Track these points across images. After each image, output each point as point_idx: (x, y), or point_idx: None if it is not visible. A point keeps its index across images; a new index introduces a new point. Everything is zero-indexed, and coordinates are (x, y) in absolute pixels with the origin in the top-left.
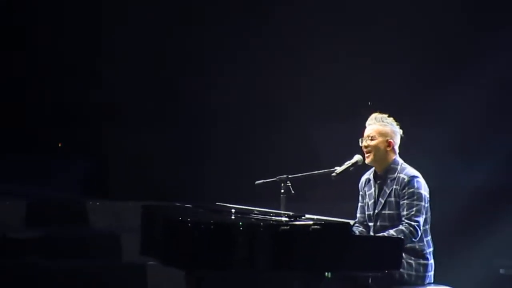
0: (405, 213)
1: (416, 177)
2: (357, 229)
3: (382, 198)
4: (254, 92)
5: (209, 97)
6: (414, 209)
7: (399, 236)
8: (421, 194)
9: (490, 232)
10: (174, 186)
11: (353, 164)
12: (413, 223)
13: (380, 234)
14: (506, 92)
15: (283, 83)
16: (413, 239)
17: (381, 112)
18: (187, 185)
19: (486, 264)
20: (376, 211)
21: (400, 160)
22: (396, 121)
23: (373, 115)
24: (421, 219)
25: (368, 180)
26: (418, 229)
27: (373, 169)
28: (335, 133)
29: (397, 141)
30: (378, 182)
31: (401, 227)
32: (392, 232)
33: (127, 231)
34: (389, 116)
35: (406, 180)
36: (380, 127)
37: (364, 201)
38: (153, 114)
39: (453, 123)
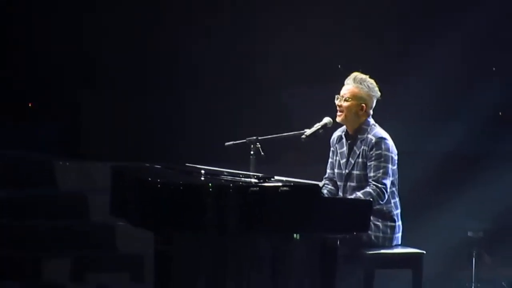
0: (372, 174)
1: (384, 138)
2: (326, 188)
3: (352, 159)
4: (226, 55)
5: (181, 61)
6: (381, 171)
7: (367, 198)
8: (388, 156)
9: (459, 196)
10: (144, 147)
11: (322, 126)
12: (380, 185)
13: (342, 197)
14: (477, 59)
15: (255, 47)
16: (380, 201)
17: (363, 72)
18: (157, 146)
19: (454, 227)
20: (347, 170)
21: (372, 121)
22: (377, 83)
23: (354, 74)
24: (388, 181)
25: (340, 138)
26: (385, 191)
27: (345, 126)
28: (306, 96)
29: (371, 105)
30: (349, 141)
31: (368, 189)
32: (359, 194)
33: (96, 192)
34: (370, 78)
35: (374, 141)
36: (356, 89)
37: (335, 158)
38: (124, 77)
39: (425, 87)
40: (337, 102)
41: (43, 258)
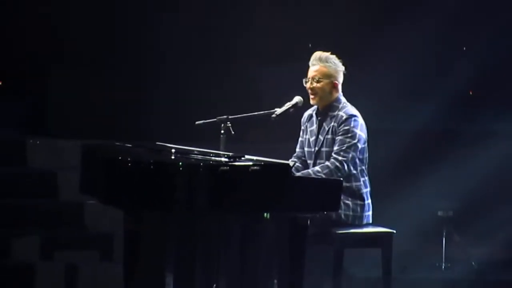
0: (335, 148)
1: (354, 116)
2: (295, 165)
3: (322, 136)
4: (196, 33)
5: (151, 38)
6: (345, 145)
7: (324, 172)
8: (355, 133)
9: (429, 175)
10: (114, 126)
11: (293, 106)
12: (340, 158)
13: (305, 172)
14: (451, 33)
15: (226, 25)
16: (339, 175)
17: (324, 50)
18: (127, 124)
19: (424, 206)
20: (317, 148)
21: (343, 99)
22: (338, 58)
23: (317, 55)
24: (350, 156)
25: (311, 116)
26: (345, 164)
27: (316, 106)
28: (277, 75)
29: (340, 80)
30: (319, 119)
31: (327, 163)
32: (317, 168)
33: (66, 170)
34: (332, 54)
35: (344, 118)
36: (324, 68)
37: (304, 137)
38: (95, 55)
39: (395, 66)
40: (307, 85)
41: (12, 237)
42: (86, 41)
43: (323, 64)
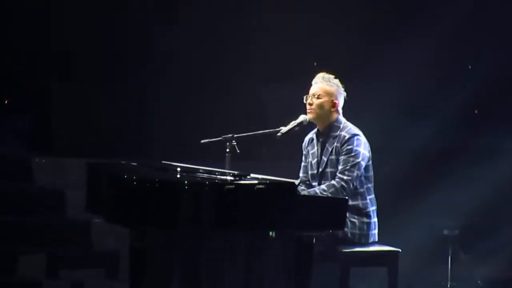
0: (340, 167)
1: (357, 135)
2: (300, 189)
3: (325, 156)
4: (202, 51)
5: (157, 55)
6: (349, 164)
7: (330, 191)
8: (358, 151)
9: (435, 193)
10: (120, 144)
11: (298, 124)
12: (345, 177)
13: (311, 190)
14: (454, 49)
15: (231, 43)
16: (344, 193)
17: (328, 72)
18: (133, 143)
19: (430, 224)
20: (320, 169)
21: (343, 119)
22: (342, 82)
23: (320, 74)
24: (354, 174)
25: (312, 140)
26: (350, 183)
27: (316, 128)
28: (282, 93)
29: (341, 103)
30: (321, 140)
31: (332, 181)
32: (323, 187)
33: (72, 188)
34: (335, 78)
35: (346, 137)
36: (326, 86)
37: (307, 161)
38: (100, 71)
39: (399, 83)
40: (308, 101)
41: (18, 254)
42: (91, 59)
43: (326, 83)
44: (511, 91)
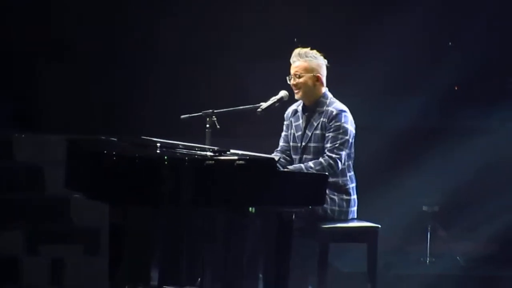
0: (328, 145)
1: (344, 111)
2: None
3: (309, 131)
4: (182, 28)
5: (137, 33)
6: (338, 142)
7: (316, 168)
8: (346, 128)
9: (414, 170)
10: (99, 120)
11: (278, 100)
12: (334, 155)
13: (297, 166)
14: (437, 29)
15: (211, 20)
16: (331, 172)
17: (303, 46)
18: (112, 119)
19: (409, 201)
20: (304, 143)
21: (330, 95)
22: (319, 52)
23: (296, 51)
24: (343, 153)
25: (296, 111)
26: (339, 162)
27: (301, 101)
28: (262, 69)
29: (323, 73)
30: (306, 114)
31: (320, 159)
32: (310, 164)
33: (51, 164)
34: (311, 49)
35: (334, 113)
36: (305, 63)
37: (289, 131)
38: (81, 49)
39: (382, 62)
40: (291, 82)
41: None
42: (72, 36)
43: (303, 59)
44: (492, 71)
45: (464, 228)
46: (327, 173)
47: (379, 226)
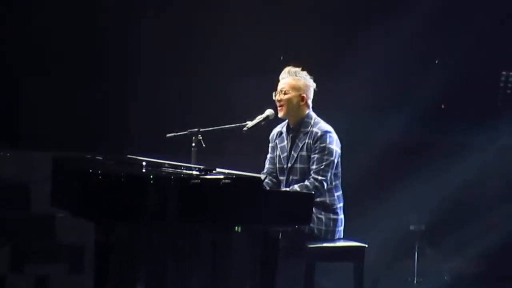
0: (314, 167)
1: (329, 132)
2: (265, 182)
3: (295, 152)
4: (168, 45)
5: (123, 50)
6: (324, 164)
7: (303, 191)
8: (332, 149)
9: (401, 189)
10: (85, 138)
11: (264, 119)
12: (319, 177)
13: (283, 189)
14: (423, 47)
15: (197, 36)
16: (318, 194)
17: (295, 65)
18: (98, 137)
19: (397, 220)
20: (290, 164)
21: (314, 115)
22: (310, 74)
23: (286, 69)
24: (329, 174)
25: (280, 133)
26: (325, 183)
27: (286, 122)
28: (248, 87)
29: (310, 95)
30: (291, 135)
31: (306, 182)
32: (296, 187)
33: (37, 182)
34: (302, 70)
35: (318, 134)
36: (293, 81)
37: (275, 153)
38: (67, 65)
39: (368, 78)
40: (276, 98)
41: None
42: (58, 51)
43: (292, 77)
44: (477, 87)
45: (451, 247)
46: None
47: (366, 245)
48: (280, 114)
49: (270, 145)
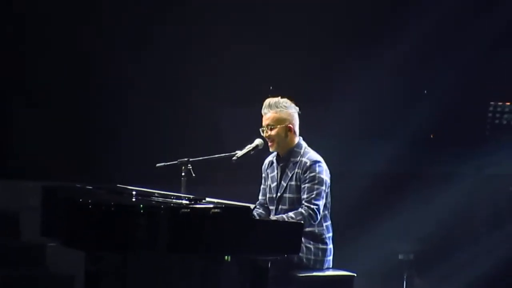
0: (305, 196)
1: (318, 161)
2: (257, 211)
3: (284, 181)
4: (157, 74)
5: (113, 80)
6: (315, 192)
7: (297, 218)
8: (322, 178)
9: (390, 218)
10: (75, 167)
11: (253, 148)
12: (312, 206)
13: (279, 216)
14: (412, 77)
15: (187, 66)
16: (313, 222)
17: (273, 96)
18: (88, 166)
19: (385, 249)
20: (279, 194)
21: (304, 144)
22: (291, 100)
23: (266, 102)
24: (320, 203)
25: (271, 163)
26: (318, 212)
27: (276, 152)
28: (237, 117)
29: (296, 123)
30: (281, 165)
31: (300, 209)
32: (291, 214)
33: (27, 212)
34: (282, 97)
35: (308, 164)
36: (276, 114)
37: (266, 183)
38: (57, 95)
39: (356, 108)
40: (264, 134)
41: None
42: (48, 81)
43: (274, 110)
44: (466, 117)
45: (440, 275)
46: (306, 222)
47: (355, 274)
48: (271, 149)
49: (263, 175)
